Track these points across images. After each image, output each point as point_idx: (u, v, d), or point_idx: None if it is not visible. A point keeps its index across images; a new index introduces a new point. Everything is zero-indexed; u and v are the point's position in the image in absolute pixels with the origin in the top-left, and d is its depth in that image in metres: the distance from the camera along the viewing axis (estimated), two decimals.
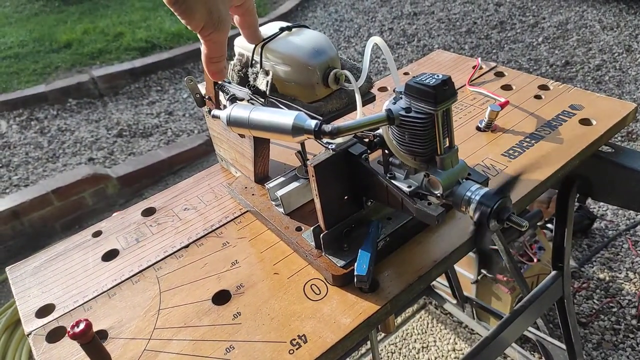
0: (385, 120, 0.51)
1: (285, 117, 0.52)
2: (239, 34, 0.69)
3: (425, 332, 1.72)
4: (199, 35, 0.58)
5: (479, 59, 1.05)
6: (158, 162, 2.63)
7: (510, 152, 0.80)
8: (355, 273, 0.57)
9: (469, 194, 0.50)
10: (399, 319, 1.76)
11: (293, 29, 0.71)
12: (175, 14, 0.55)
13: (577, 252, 1.93)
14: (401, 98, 0.52)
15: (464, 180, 0.52)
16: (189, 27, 0.57)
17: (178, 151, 2.70)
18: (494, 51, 3.46)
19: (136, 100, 3.44)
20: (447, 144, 0.52)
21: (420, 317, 1.78)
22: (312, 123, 0.50)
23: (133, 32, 4.14)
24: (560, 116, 0.86)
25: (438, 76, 0.48)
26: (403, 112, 0.50)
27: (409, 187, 0.55)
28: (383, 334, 1.70)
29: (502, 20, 3.91)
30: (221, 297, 0.63)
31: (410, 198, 0.53)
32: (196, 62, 3.84)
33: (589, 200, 2.10)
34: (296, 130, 0.51)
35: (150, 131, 3.05)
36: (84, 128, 3.12)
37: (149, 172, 2.61)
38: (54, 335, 0.61)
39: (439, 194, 0.52)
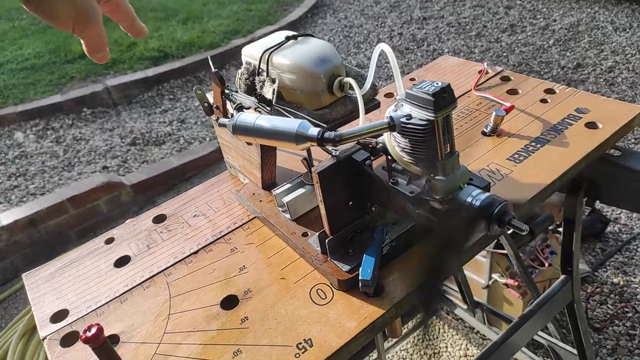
0: (387, 127, 0.52)
1: (288, 125, 0.53)
2: (247, 43, 0.71)
3: (437, 337, 1.72)
4: (75, 34, 0.53)
5: (485, 63, 1.06)
6: (171, 169, 2.66)
7: (516, 156, 0.80)
8: (360, 277, 0.58)
9: (469, 199, 0.51)
10: (410, 325, 1.76)
11: (299, 38, 0.73)
12: (38, 17, 0.50)
13: (590, 256, 1.91)
14: (402, 105, 0.53)
15: (465, 185, 0.53)
16: (57, 27, 0.51)
17: (190, 158, 2.73)
18: (505, 54, 3.44)
19: (149, 109, 3.49)
20: (448, 150, 0.52)
21: (432, 323, 1.77)
22: (315, 131, 0.52)
23: (146, 42, 4.21)
24: (566, 120, 0.86)
25: (437, 84, 0.49)
26: (404, 119, 0.51)
27: (412, 192, 0.56)
28: (394, 341, 1.70)
29: (513, 23, 3.90)
30: (229, 302, 0.64)
31: (412, 203, 0.54)
32: (208, 71, 3.89)
33: (602, 204, 2.08)
34: (299, 138, 0.52)
35: (163, 139, 3.09)
36: (98, 137, 3.18)
37: (162, 180, 2.65)
38: (68, 340, 0.63)
39: (440, 199, 0.53)
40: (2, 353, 1.85)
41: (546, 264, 1.56)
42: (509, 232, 1.39)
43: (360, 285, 0.59)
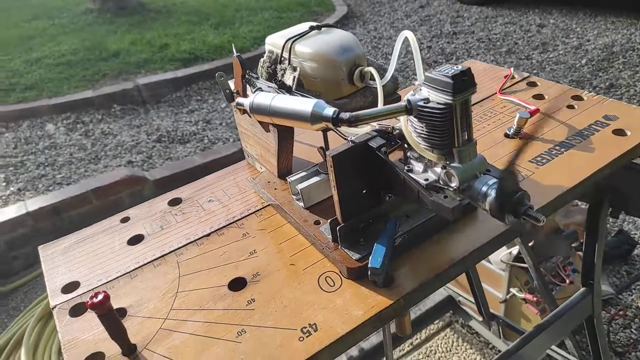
0: (404, 110, 0.51)
1: (304, 104, 0.53)
2: (269, 33, 0.71)
3: (450, 350, 1.68)
4: None
5: (512, 68, 1.04)
6: (193, 167, 2.69)
7: (538, 159, 0.78)
8: (369, 265, 0.57)
9: (485, 188, 0.49)
10: (423, 335, 1.72)
11: (322, 29, 0.73)
12: None
13: (615, 278, 1.84)
14: (421, 90, 0.52)
15: (481, 174, 0.52)
16: None
17: (213, 157, 2.76)
18: (535, 71, 3.39)
19: (176, 108, 3.55)
20: (466, 137, 0.51)
21: (446, 335, 1.73)
22: (331, 110, 0.51)
23: (178, 44, 4.30)
24: (592, 126, 0.84)
25: (458, 67, 0.48)
26: (422, 103, 0.50)
27: (426, 180, 0.55)
28: (405, 350, 1.67)
29: (545, 41, 3.84)
30: (237, 284, 0.64)
31: (426, 190, 0.53)
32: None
33: (630, 226, 2.01)
34: (315, 117, 0.52)
35: (188, 138, 3.14)
36: (125, 132, 3.24)
37: (184, 177, 2.68)
38: (77, 310, 0.64)
39: (455, 187, 0.52)
40: (18, 335, 1.88)
41: (567, 281, 1.51)
42: (530, 244, 1.35)
43: (369, 273, 0.58)
